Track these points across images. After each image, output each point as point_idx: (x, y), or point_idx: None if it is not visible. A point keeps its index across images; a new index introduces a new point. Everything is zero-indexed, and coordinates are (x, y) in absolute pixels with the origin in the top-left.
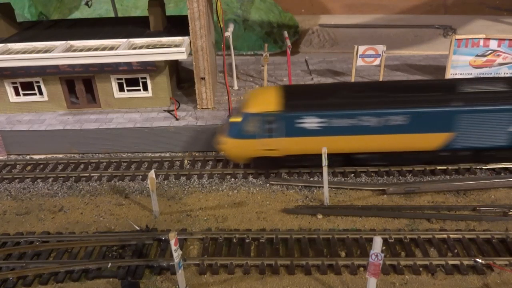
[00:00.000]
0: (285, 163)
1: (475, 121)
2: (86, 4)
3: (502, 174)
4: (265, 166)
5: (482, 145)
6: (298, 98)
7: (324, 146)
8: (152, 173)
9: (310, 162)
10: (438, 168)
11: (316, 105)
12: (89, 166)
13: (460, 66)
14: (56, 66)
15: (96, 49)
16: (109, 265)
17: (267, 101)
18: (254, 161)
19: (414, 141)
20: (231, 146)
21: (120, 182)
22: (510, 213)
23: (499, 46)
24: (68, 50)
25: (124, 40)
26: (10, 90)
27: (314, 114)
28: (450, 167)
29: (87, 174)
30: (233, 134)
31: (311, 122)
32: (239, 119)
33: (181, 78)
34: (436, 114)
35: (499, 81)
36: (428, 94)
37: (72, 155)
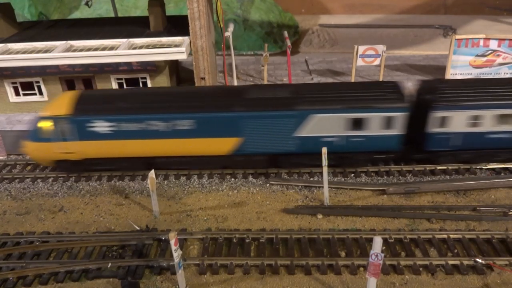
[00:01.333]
0: (87, 166)
1: (259, 126)
2: (86, 4)
3: (502, 174)
4: (68, 170)
5: (272, 150)
6: (91, 102)
7: (117, 150)
8: (152, 173)
9: (111, 165)
10: (438, 168)
11: (105, 109)
12: None
13: (460, 66)
14: (56, 66)
15: (96, 49)
16: (109, 265)
17: (61, 104)
18: (57, 164)
19: (205, 146)
20: (31, 149)
21: (120, 182)
22: (510, 213)
23: (499, 46)
24: (68, 50)
25: (124, 40)
26: (10, 90)
27: (102, 118)
28: (450, 167)
29: (87, 174)
30: (32, 137)
31: (101, 126)
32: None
33: (181, 78)
34: (221, 119)
35: (284, 88)
36: (214, 99)
37: None
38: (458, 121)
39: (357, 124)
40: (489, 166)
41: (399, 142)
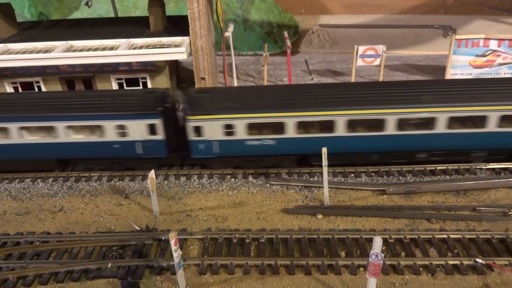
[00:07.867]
0: None
1: None
2: (86, 4)
3: (502, 174)
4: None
5: None
6: None
7: None
8: (152, 173)
9: None
10: (438, 168)
11: None
12: None
13: (460, 66)
14: (56, 66)
15: (96, 49)
16: (109, 265)
17: None
18: None
19: None
20: None
21: (120, 182)
22: (510, 213)
23: (499, 46)
24: (68, 50)
25: (124, 40)
26: (10, 90)
27: None
28: (450, 167)
29: (87, 174)
30: None
31: None
32: None
33: (181, 78)
34: None
35: None
36: None
37: None
38: None
39: None
40: (489, 166)
41: None
